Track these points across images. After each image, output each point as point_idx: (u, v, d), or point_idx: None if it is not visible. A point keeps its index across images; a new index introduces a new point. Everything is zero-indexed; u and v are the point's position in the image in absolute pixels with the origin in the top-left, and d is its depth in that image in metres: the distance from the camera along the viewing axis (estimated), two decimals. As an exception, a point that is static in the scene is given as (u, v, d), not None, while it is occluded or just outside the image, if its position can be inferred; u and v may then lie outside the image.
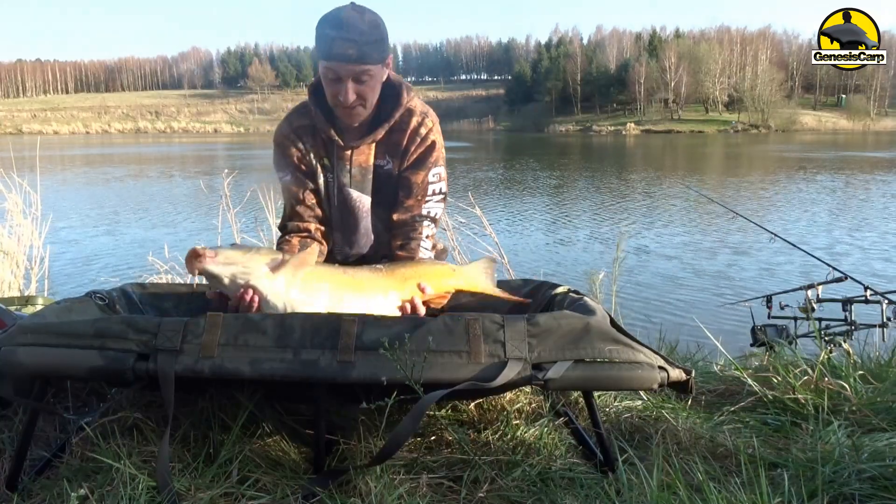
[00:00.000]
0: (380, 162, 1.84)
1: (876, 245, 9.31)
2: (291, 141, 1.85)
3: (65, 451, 1.45)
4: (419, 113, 1.81)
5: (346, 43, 1.59)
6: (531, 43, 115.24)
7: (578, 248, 9.46)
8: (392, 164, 1.84)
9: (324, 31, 1.62)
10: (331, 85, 1.68)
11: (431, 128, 1.82)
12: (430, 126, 1.82)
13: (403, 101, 1.79)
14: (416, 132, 1.80)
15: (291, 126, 1.85)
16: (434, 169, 1.83)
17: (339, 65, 1.63)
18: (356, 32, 1.60)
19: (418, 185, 1.82)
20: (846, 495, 1.26)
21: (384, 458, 1.25)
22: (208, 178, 18.09)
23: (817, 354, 1.98)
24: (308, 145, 1.84)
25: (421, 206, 1.83)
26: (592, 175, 22.01)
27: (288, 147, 1.85)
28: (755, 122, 72.34)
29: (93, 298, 1.62)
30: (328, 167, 1.86)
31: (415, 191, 1.82)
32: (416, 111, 1.81)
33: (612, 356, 1.31)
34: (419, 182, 1.82)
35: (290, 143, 1.85)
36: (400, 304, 1.62)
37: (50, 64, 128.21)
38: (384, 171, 1.85)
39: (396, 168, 1.84)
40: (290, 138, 1.85)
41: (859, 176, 19.87)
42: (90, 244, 9.64)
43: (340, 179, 1.85)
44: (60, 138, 71.32)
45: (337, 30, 1.60)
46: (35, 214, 4.24)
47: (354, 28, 1.59)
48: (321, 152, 1.85)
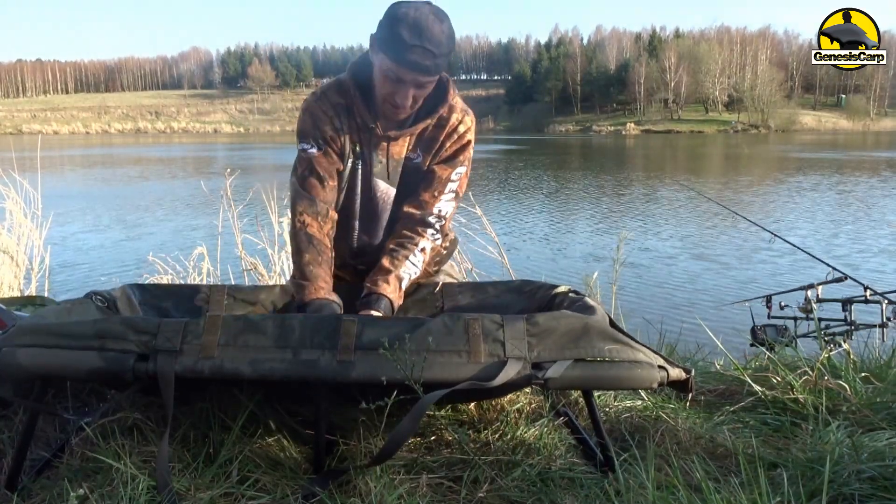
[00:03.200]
0: (411, 155, 1.80)
1: (876, 245, 9.32)
2: (329, 116, 1.74)
3: (65, 452, 1.45)
4: (460, 110, 1.78)
5: (424, 53, 1.52)
6: (531, 43, 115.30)
7: (579, 248, 9.46)
8: (422, 158, 1.80)
9: (400, 32, 1.52)
10: (390, 84, 1.61)
11: (470, 127, 1.79)
12: (469, 126, 1.79)
13: (450, 97, 1.74)
14: (454, 129, 1.77)
15: (330, 101, 1.75)
16: (459, 168, 1.81)
17: (408, 72, 1.56)
18: (436, 44, 1.52)
19: (440, 180, 1.79)
20: (846, 495, 1.26)
21: (384, 458, 1.25)
22: (208, 178, 18.09)
23: (817, 354, 1.99)
24: (345, 126, 1.75)
25: (434, 204, 1.80)
26: (592, 175, 22.01)
27: (323, 121, 1.74)
28: (755, 122, 72.37)
29: (93, 299, 1.62)
30: (359, 154, 1.78)
31: (435, 185, 1.79)
32: (458, 108, 1.78)
33: (611, 355, 1.31)
34: (443, 177, 1.79)
35: (327, 118, 1.74)
36: None
37: (50, 64, 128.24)
38: (413, 165, 1.80)
39: (425, 162, 1.80)
40: (327, 113, 1.74)
41: (859, 176, 19.87)
42: (90, 244, 9.65)
43: (372, 168, 1.79)
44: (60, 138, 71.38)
45: (418, 37, 1.51)
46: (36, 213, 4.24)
47: (435, 39, 1.52)
48: (354, 137, 1.76)
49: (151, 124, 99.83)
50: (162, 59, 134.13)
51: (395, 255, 1.78)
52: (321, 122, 1.74)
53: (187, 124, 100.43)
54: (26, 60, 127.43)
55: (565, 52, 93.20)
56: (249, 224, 4.22)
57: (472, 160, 1.85)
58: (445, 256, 2.07)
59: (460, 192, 1.85)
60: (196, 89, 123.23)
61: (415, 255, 1.79)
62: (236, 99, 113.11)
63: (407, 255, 1.78)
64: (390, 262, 1.77)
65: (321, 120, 1.74)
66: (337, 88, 1.75)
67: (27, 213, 4.19)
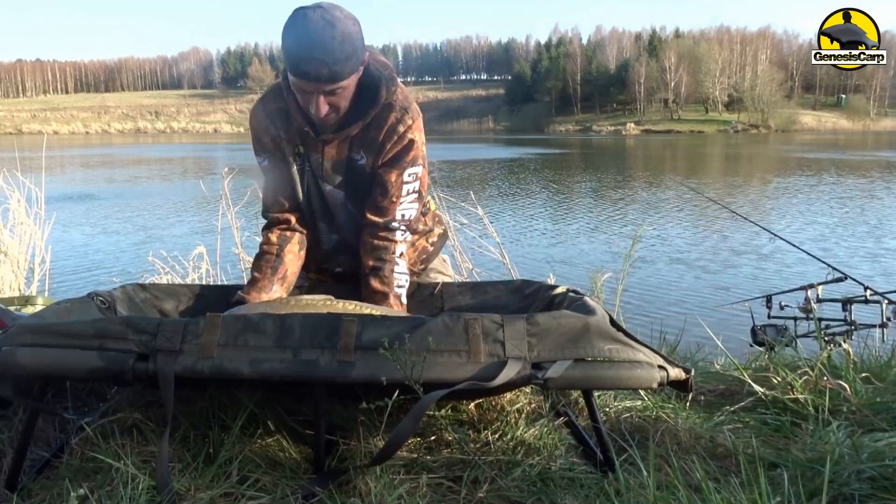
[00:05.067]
0: (354, 156, 1.76)
1: (876, 245, 9.31)
2: (265, 126, 1.77)
3: (64, 451, 1.45)
4: (399, 108, 1.71)
5: (317, 64, 1.49)
6: (531, 43, 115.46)
7: (579, 248, 9.46)
8: (366, 159, 1.76)
9: (290, 46, 1.51)
10: (300, 94, 1.61)
11: (410, 125, 1.72)
12: (409, 124, 1.72)
13: (381, 99, 1.68)
14: (393, 129, 1.71)
15: (266, 109, 1.77)
16: (410, 168, 1.76)
17: (305, 83, 1.55)
18: (326, 52, 1.48)
19: (392, 184, 1.75)
20: (846, 495, 1.26)
21: (384, 458, 1.25)
22: (208, 178, 18.08)
23: (817, 354, 1.98)
24: (283, 131, 1.76)
25: (395, 209, 1.77)
26: (592, 175, 22.00)
27: (262, 132, 1.78)
28: (755, 122, 72.39)
29: (93, 299, 1.62)
30: (304, 155, 1.78)
31: (389, 190, 1.75)
32: (396, 106, 1.71)
33: (611, 355, 1.31)
34: (393, 181, 1.75)
35: (264, 127, 1.77)
36: None
37: (50, 64, 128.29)
38: (358, 165, 1.77)
39: (370, 164, 1.76)
40: (263, 123, 1.77)
41: (859, 176, 19.87)
42: (90, 244, 9.65)
43: (315, 171, 1.79)
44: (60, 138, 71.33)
45: (307, 49, 1.48)
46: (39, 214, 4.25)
47: (325, 47, 1.48)
48: (296, 139, 1.76)
49: (151, 124, 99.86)
50: (162, 59, 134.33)
51: (380, 272, 1.76)
52: (261, 135, 1.79)
53: (187, 124, 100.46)
54: (26, 60, 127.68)
55: (565, 52, 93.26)
56: (249, 223, 4.23)
57: (426, 157, 1.81)
58: (433, 253, 2.05)
59: (422, 190, 1.82)
60: (196, 89, 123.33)
61: (398, 265, 1.78)
62: (236, 99, 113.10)
63: (392, 269, 1.77)
64: (380, 283, 1.76)
65: (260, 132, 1.79)
66: (274, 94, 1.77)
67: (30, 213, 4.19)
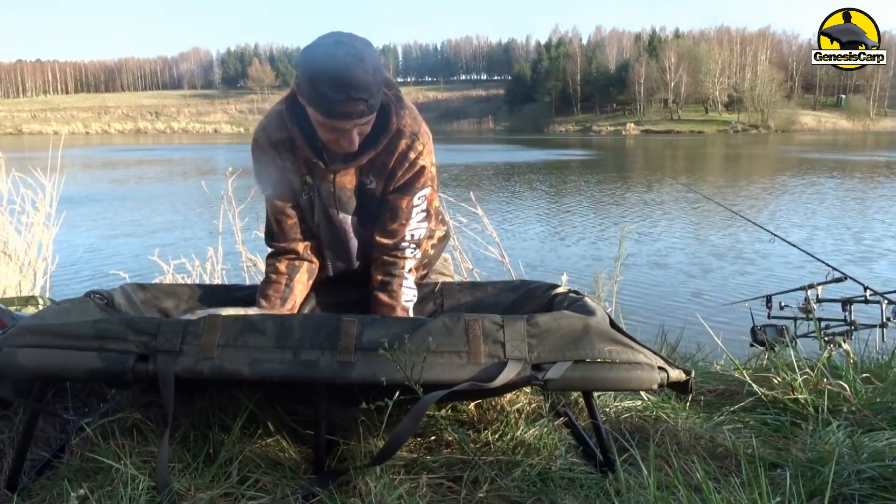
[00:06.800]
0: (364, 180, 1.74)
1: (876, 245, 9.31)
2: (270, 156, 1.72)
3: (65, 452, 1.45)
4: (409, 135, 1.68)
5: (353, 103, 1.46)
6: (531, 43, 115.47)
7: (579, 248, 9.46)
8: (376, 184, 1.74)
9: (323, 90, 1.45)
10: (329, 132, 1.56)
11: (421, 151, 1.69)
12: (420, 150, 1.69)
13: (392, 125, 1.65)
14: (404, 156, 1.69)
15: (270, 140, 1.71)
16: (420, 192, 1.75)
17: (343, 122, 1.51)
18: (363, 90, 1.45)
19: (403, 210, 1.74)
20: (846, 495, 1.26)
21: (384, 458, 1.25)
22: (208, 178, 18.09)
23: (817, 354, 1.99)
24: (289, 162, 1.72)
25: (405, 230, 1.76)
26: (592, 175, 22.00)
27: (267, 162, 1.74)
28: (755, 122, 72.39)
29: (92, 299, 1.62)
30: (311, 185, 1.74)
31: (399, 215, 1.75)
32: (406, 132, 1.67)
33: (611, 357, 1.31)
34: (404, 207, 1.74)
35: (269, 158, 1.72)
36: None
37: (50, 64, 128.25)
38: (368, 190, 1.75)
39: (380, 188, 1.74)
40: (268, 153, 1.72)
41: (859, 177, 19.86)
42: (90, 244, 9.65)
43: (325, 200, 1.76)
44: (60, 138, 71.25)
45: (343, 90, 1.43)
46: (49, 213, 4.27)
47: (359, 85, 1.44)
48: (302, 169, 1.73)
49: (151, 124, 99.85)
50: (162, 59, 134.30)
51: (389, 286, 1.76)
52: (265, 166, 1.75)
53: (187, 124, 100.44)
54: (26, 60, 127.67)
55: (565, 53, 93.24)
56: (251, 223, 4.23)
57: (435, 177, 1.80)
58: (434, 256, 2.04)
59: (430, 209, 1.81)
60: (196, 89, 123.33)
61: (407, 280, 1.78)
62: (236, 99, 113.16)
63: (400, 283, 1.77)
64: (389, 297, 1.76)
65: (264, 164, 1.75)
66: (277, 124, 1.70)
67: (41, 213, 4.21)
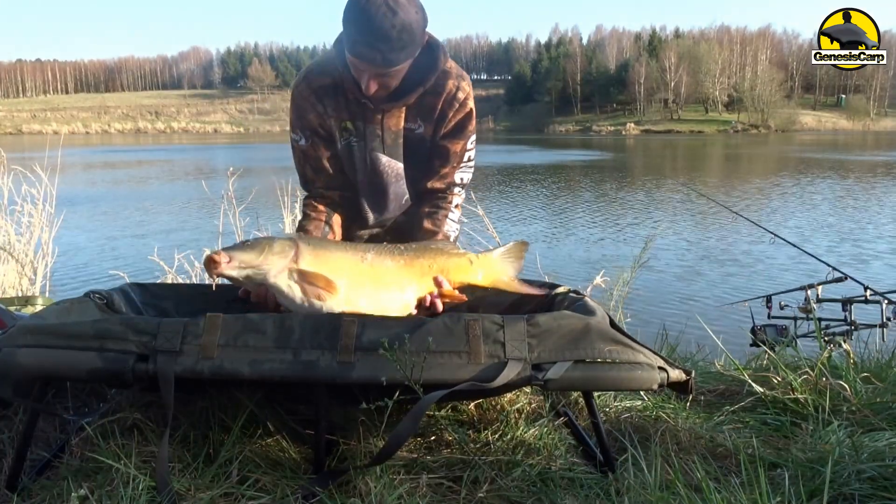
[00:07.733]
0: (410, 125, 1.74)
1: (876, 245, 9.31)
2: (311, 103, 1.72)
3: (65, 452, 1.45)
4: (455, 76, 1.70)
5: (372, 49, 1.48)
6: (531, 43, 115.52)
7: (579, 248, 9.46)
8: (424, 128, 1.75)
9: (349, 26, 1.50)
10: (353, 69, 1.59)
11: (469, 92, 1.72)
12: (468, 91, 1.72)
13: (440, 64, 1.66)
14: (453, 97, 1.70)
15: (311, 86, 1.71)
16: (471, 137, 1.78)
17: (360, 63, 1.54)
18: (382, 40, 1.47)
19: (456, 154, 1.77)
20: (846, 495, 1.26)
21: (384, 458, 1.25)
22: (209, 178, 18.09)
23: (817, 354, 1.98)
24: (330, 108, 1.71)
25: (454, 174, 1.79)
26: (592, 175, 22.01)
27: (306, 109, 1.73)
28: (755, 122, 72.40)
29: (92, 299, 1.62)
30: (352, 131, 1.74)
31: (451, 159, 1.77)
32: (453, 74, 1.70)
33: (612, 357, 1.31)
34: (458, 151, 1.77)
35: (310, 105, 1.72)
36: (416, 302, 1.55)
37: (50, 64, 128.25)
38: (415, 135, 1.76)
39: (429, 132, 1.75)
40: (309, 100, 1.72)
41: (859, 177, 19.87)
42: (90, 244, 9.65)
43: (370, 143, 1.75)
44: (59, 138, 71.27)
45: (365, 33, 1.47)
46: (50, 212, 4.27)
47: (382, 35, 1.46)
48: (344, 115, 1.72)
49: (151, 124, 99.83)
50: (162, 59, 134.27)
51: (435, 216, 1.78)
52: (305, 112, 1.75)
53: (187, 124, 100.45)
54: (26, 60, 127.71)
55: (565, 52, 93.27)
56: (252, 223, 4.23)
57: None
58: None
59: (473, 156, 1.84)
60: (196, 89, 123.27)
61: (452, 213, 1.81)
62: (236, 99, 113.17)
63: (446, 215, 1.79)
64: (433, 224, 1.78)
65: (304, 110, 1.74)
66: (321, 69, 1.72)
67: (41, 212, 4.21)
